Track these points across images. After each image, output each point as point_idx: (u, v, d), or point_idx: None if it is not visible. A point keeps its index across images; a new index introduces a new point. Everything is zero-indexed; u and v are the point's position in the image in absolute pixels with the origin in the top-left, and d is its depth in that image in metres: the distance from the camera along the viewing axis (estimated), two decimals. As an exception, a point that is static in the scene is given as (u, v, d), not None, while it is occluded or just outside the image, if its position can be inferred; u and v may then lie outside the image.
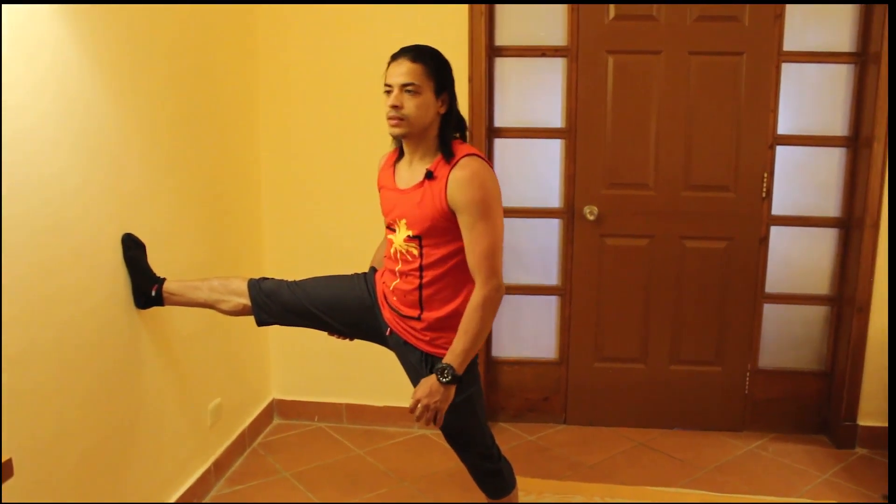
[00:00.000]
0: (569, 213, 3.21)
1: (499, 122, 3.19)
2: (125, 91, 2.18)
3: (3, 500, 1.56)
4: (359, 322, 2.16)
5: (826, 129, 3.08)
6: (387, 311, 2.08)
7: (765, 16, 2.96)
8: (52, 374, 1.89)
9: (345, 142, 3.14)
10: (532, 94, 3.18)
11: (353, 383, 3.33)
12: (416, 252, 1.95)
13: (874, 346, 3.05)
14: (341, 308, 2.16)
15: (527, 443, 3.20)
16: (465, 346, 1.86)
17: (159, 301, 2.25)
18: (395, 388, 3.23)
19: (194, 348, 2.66)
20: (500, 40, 3.11)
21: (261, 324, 2.23)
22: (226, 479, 2.86)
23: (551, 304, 3.33)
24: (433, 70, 1.90)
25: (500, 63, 3.14)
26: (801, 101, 3.08)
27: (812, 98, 3.08)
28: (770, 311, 3.24)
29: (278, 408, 3.42)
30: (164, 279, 2.26)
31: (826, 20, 3.00)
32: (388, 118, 1.89)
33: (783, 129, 3.08)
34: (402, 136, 1.93)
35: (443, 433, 2.11)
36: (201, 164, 2.68)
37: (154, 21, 2.32)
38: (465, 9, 2.97)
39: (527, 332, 3.37)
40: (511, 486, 2.18)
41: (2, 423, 1.67)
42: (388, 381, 3.19)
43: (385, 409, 3.31)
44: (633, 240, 3.20)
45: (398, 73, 1.88)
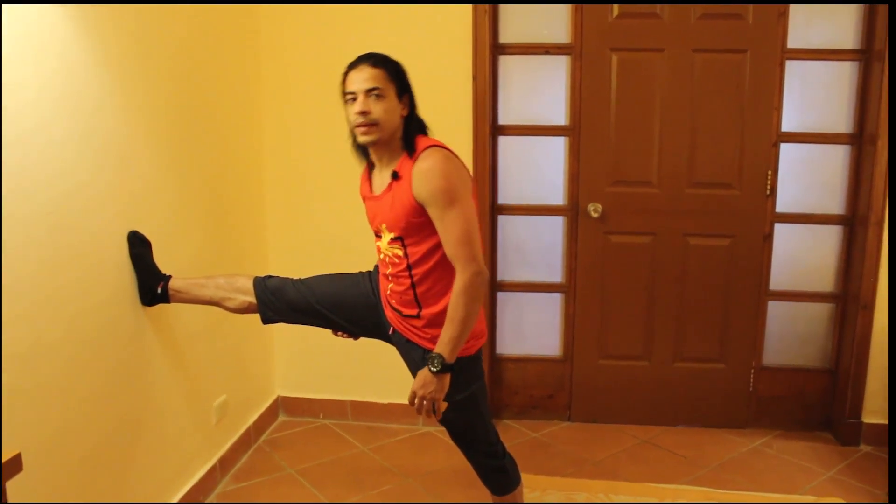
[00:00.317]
0: (573, 211, 3.21)
1: (502, 120, 3.19)
2: (131, 91, 2.19)
3: (9, 494, 1.57)
4: (363, 320, 2.17)
5: (830, 127, 3.08)
6: (388, 311, 2.09)
7: (768, 13, 2.96)
8: (58, 371, 1.91)
9: (347, 140, 3.13)
10: (536, 91, 3.18)
11: (357, 380, 3.34)
12: (401, 253, 1.96)
13: (878, 344, 3.04)
14: (346, 306, 2.17)
15: (531, 440, 3.21)
16: (451, 333, 1.86)
17: (165, 298, 2.27)
18: (399, 386, 3.23)
19: (200, 345, 2.67)
20: (504, 38, 3.12)
21: (266, 321, 2.24)
22: (231, 476, 2.87)
23: (555, 301, 3.34)
24: (393, 74, 1.90)
25: (504, 61, 3.14)
26: (804, 98, 3.07)
27: (816, 95, 3.07)
28: (774, 308, 3.24)
29: (283, 405, 3.43)
30: (169, 276, 2.28)
31: (830, 17, 2.99)
32: (357, 126, 1.89)
33: (787, 126, 3.08)
34: (373, 143, 1.92)
35: (447, 430, 2.12)
36: (206, 163, 2.69)
37: (159, 22, 2.33)
38: (468, 7, 2.97)
39: (531, 329, 3.37)
40: (516, 482, 2.19)
41: (1, 421, 1.68)
42: (393, 378, 3.19)
43: (389, 406, 3.33)
44: (637, 237, 3.20)
45: (361, 79, 1.87)
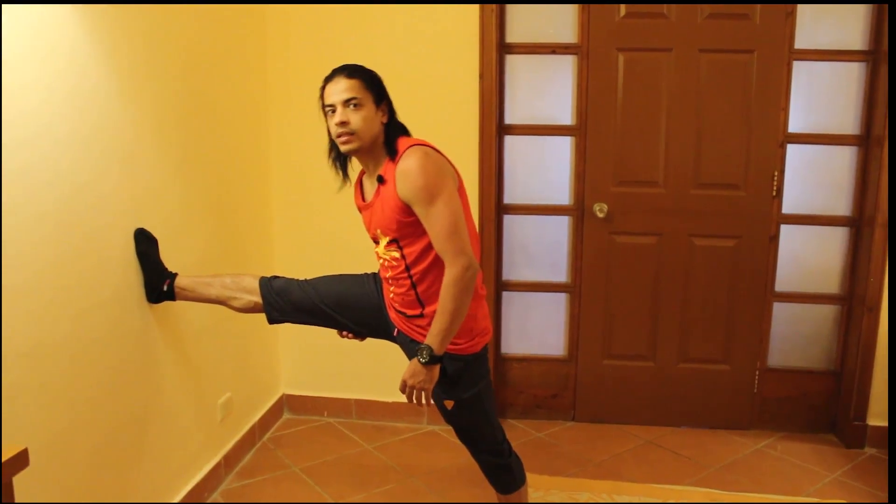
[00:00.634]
0: (578, 211, 3.21)
1: (509, 120, 3.19)
2: (137, 90, 2.20)
3: (16, 489, 1.58)
4: (368, 320, 2.18)
5: (837, 128, 3.07)
6: (392, 312, 2.11)
7: (776, 13, 2.95)
8: (64, 368, 1.92)
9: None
10: (542, 91, 3.18)
11: (362, 379, 3.35)
12: (398, 255, 1.98)
13: (884, 346, 3.03)
14: (351, 306, 2.18)
15: (535, 439, 3.21)
16: (440, 325, 1.88)
17: (171, 296, 2.27)
18: (403, 384, 3.25)
19: (205, 343, 2.68)
20: (511, 37, 3.11)
21: (272, 321, 2.25)
22: (235, 473, 2.88)
23: (560, 301, 3.33)
24: (368, 83, 1.93)
25: (511, 60, 3.14)
26: (812, 99, 3.06)
27: (823, 96, 3.06)
28: (780, 309, 3.23)
29: (288, 403, 3.44)
30: (175, 274, 2.28)
31: (838, 18, 2.98)
32: (337, 137, 1.92)
33: (794, 127, 3.07)
34: (355, 152, 1.95)
35: (453, 428, 2.12)
36: (212, 162, 2.70)
37: (166, 21, 2.34)
38: (475, 6, 2.97)
39: (535, 328, 3.37)
40: (521, 481, 2.19)
41: (1, 418, 1.69)
42: (397, 377, 3.16)
43: (394, 404, 3.33)
44: (643, 237, 3.20)
45: (338, 91, 1.90)
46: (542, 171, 3.24)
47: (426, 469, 2.93)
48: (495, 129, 3.09)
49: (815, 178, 3.13)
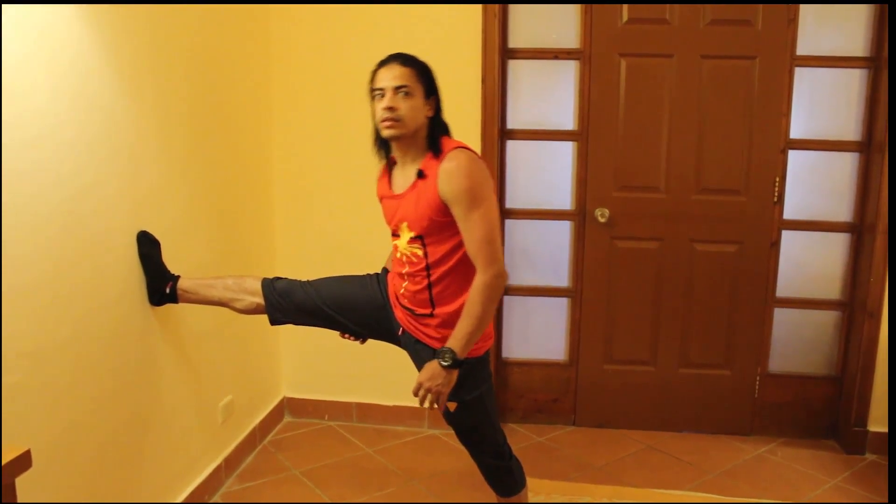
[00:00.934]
0: (580, 216, 3.22)
1: (511, 124, 3.20)
2: (142, 92, 2.21)
3: (19, 490, 1.58)
4: (371, 321, 2.18)
5: (838, 134, 3.08)
6: (399, 310, 2.10)
7: (778, 20, 2.96)
8: (67, 370, 1.92)
9: (356, 143, 3.13)
10: (544, 96, 3.19)
11: (363, 382, 3.35)
12: (420, 252, 1.97)
13: (885, 352, 3.04)
14: (354, 308, 2.18)
15: (535, 444, 3.21)
16: (466, 329, 1.88)
17: (173, 298, 2.28)
18: (404, 388, 3.22)
19: (207, 346, 2.68)
20: (514, 42, 3.12)
21: (274, 323, 2.25)
22: (236, 476, 2.88)
23: (561, 305, 3.34)
24: (421, 74, 1.95)
25: (513, 65, 3.15)
26: (813, 105, 3.07)
27: (825, 102, 3.07)
28: (780, 315, 3.23)
29: (289, 406, 3.44)
30: (178, 276, 2.29)
31: (840, 25, 2.99)
32: (382, 121, 1.93)
33: (795, 133, 3.08)
34: (396, 138, 1.95)
35: (454, 430, 2.13)
36: (215, 164, 2.70)
37: (170, 23, 2.35)
38: (478, 11, 2.98)
39: (537, 333, 3.37)
40: (521, 484, 2.19)
41: (1, 418, 1.69)
42: (398, 380, 3.20)
43: (394, 408, 3.33)
44: (644, 242, 3.20)
45: (391, 77, 1.92)
46: (544, 175, 3.25)
47: (427, 473, 2.93)
48: (497, 133, 3.09)
49: (817, 184, 3.13)
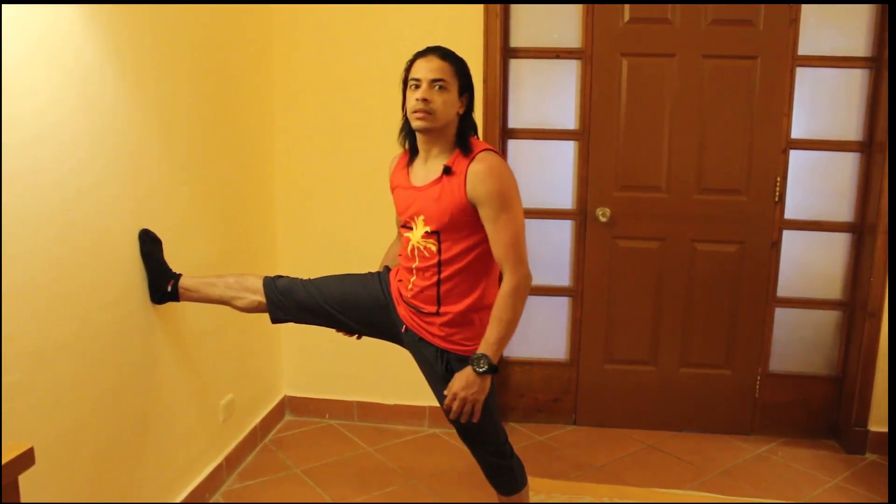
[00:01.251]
0: (581, 215, 3.22)
1: (513, 124, 3.20)
2: (144, 91, 2.21)
3: (22, 487, 1.58)
4: (373, 320, 2.18)
5: (840, 134, 3.08)
6: (402, 308, 2.10)
7: (779, 20, 2.96)
8: (68, 368, 1.92)
9: (358, 141, 3.16)
10: (546, 95, 3.19)
11: (363, 381, 3.35)
12: (434, 248, 1.97)
13: (885, 352, 3.04)
14: (356, 306, 2.18)
15: (536, 443, 3.21)
16: (498, 334, 1.89)
17: (175, 297, 2.28)
18: (405, 387, 3.26)
19: (208, 344, 2.68)
20: (515, 42, 3.13)
21: (275, 321, 2.25)
22: (237, 475, 2.88)
23: (562, 305, 3.34)
24: (458, 71, 1.95)
25: (515, 64, 3.15)
26: (815, 105, 3.07)
27: (826, 102, 3.07)
28: (781, 315, 3.24)
29: (290, 404, 3.44)
30: (179, 275, 2.29)
31: (841, 25, 2.99)
32: (414, 111, 1.92)
33: (797, 133, 3.08)
34: (426, 131, 1.95)
35: (456, 429, 2.12)
36: (217, 163, 2.70)
37: (172, 23, 2.35)
38: (480, 10, 2.98)
39: (538, 332, 3.37)
40: (522, 483, 2.19)
41: (1, 417, 1.70)
42: (399, 379, 3.22)
43: (395, 407, 3.33)
44: (645, 242, 3.20)
45: (429, 69, 1.91)
46: (546, 175, 3.25)
47: (428, 472, 2.93)
48: (499, 132, 3.10)
49: (818, 184, 3.13)
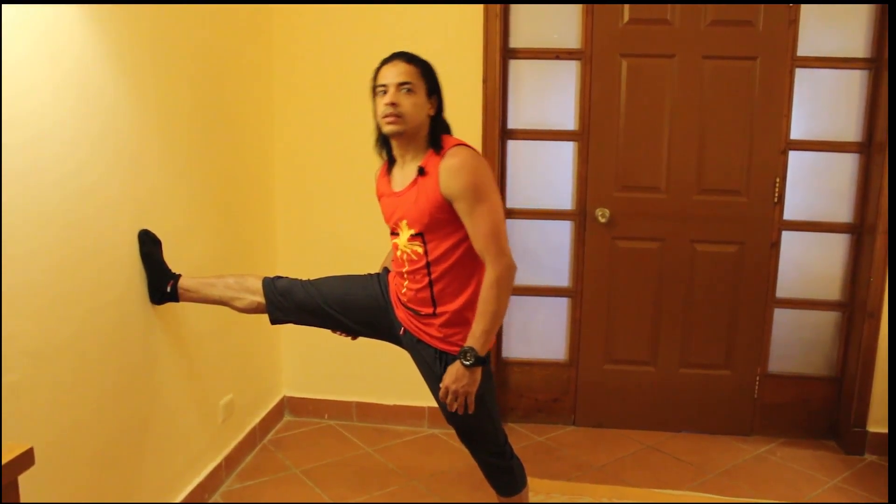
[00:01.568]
0: (580, 216, 3.22)
1: (512, 124, 3.20)
2: (144, 92, 2.21)
3: (21, 487, 1.59)
4: (372, 321, 2.18)
5: (839, 135, 3.08)
6: (400, 310, 2.10)
7: (779, 21, 2.97)
8: (68, 368, 1.92)
9: (358, 142, 3.15)
10: (545, 96, 3.19)
11: (363, 382, 3.35)
12: (420, 250, 1.98)
13: (884, 353, 3.04)
14: (355, 307, 2.18)
15: (535, 443, 3.21)
16: (483, 326, 1.88)
17: (174, 297, 2.28)
18: (404, 387, 3.26)
19: (207, 344, 2.68)
20: (515, 42, 3.13)
21: (275, 322, 2.25)
22: (236, 475, 2.88)
23: (562, 305, 3.34)
24: (424, 73, 1.97)
25: (515, 65, 3.15)
26: (814, 106, 3.08)
27: (826, 103, 3.07)
28: (780, 315, 3.24)
29: (289, 405, 3.44)
30: (179, 275, 2.29)
31: (841, 26, 2.99)
32: (384, 116, 1.94)
33: (796, 133, 3.08)
34: (397, 135, 1.96)
35: (455, 430, 2.12)
36: (217, 164, 2.71)
37: (173, 23, 2.35)
38: (479, 11, 2.98)
39: (537, 333, 3.38)
40: (522, 484, 2.19)
41: (1, 417, 1.70)
42: (398, 379, 3.22)
43: (395, 407, 3.34)
44: (645, 243, 3.20)
45: (395, 73, 1.94)
46: (545, 175, 3.25)
47: (427, 472, 2.93)
48: (498, 133, 3.10)
49: (817, 185, 3.14)
